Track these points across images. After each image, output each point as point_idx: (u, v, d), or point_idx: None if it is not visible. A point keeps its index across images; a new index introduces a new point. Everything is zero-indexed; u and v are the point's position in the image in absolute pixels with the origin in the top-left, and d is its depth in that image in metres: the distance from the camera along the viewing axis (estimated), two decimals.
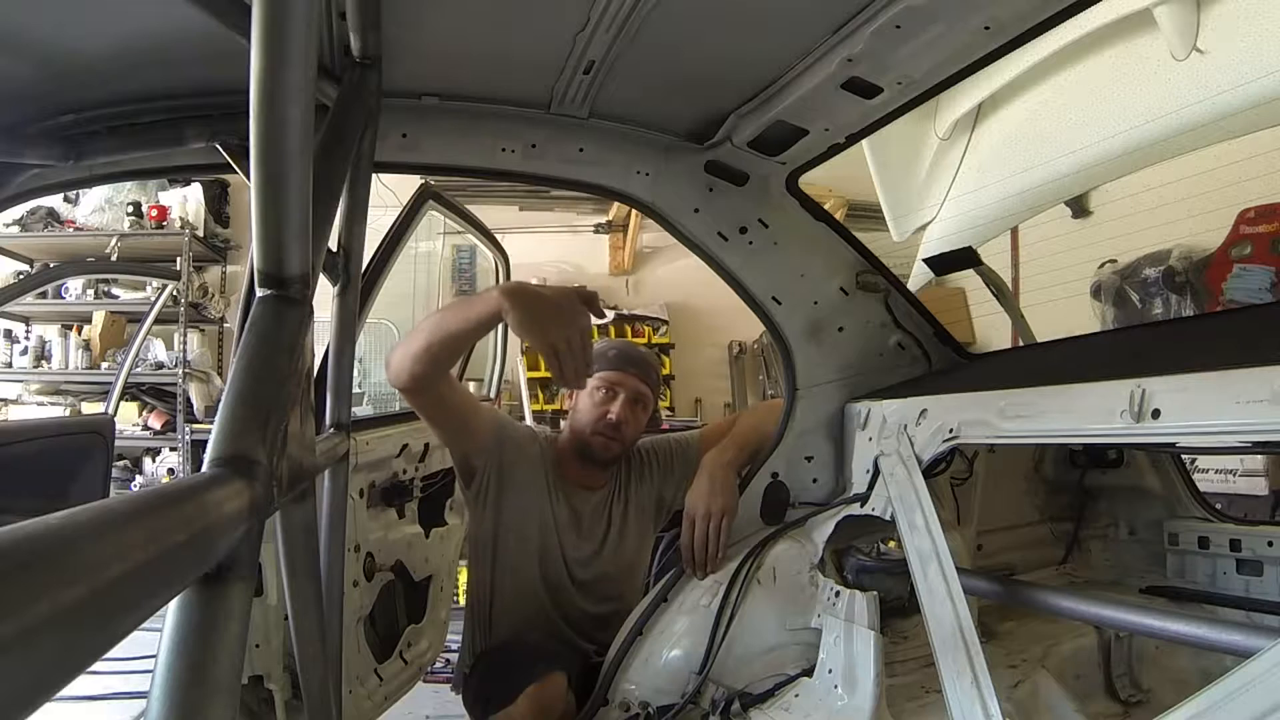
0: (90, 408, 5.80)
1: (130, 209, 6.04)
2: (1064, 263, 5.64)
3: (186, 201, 6.17)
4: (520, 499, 2.14)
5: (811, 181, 2.06)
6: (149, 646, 0.53)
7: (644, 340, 7.06)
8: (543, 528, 2.16)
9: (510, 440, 2.16)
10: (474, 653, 2.21)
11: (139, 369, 5.56)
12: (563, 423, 2.39)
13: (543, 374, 6.62)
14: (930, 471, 1.62)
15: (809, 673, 1.73)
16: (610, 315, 7.06)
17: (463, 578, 3.44)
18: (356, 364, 2.44)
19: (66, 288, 6.07)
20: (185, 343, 5.83)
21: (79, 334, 6.08)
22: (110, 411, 4.05)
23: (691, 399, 7.27)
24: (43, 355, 6.07)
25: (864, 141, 1.99)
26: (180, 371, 5.82)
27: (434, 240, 6.86)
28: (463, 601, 2.59)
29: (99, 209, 6.14)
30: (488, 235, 3.17)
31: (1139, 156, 3.27)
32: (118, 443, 3.82)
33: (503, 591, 2.16)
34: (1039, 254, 5.99)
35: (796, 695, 1.71)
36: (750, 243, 2.00)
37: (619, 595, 2.23)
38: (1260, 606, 1.79)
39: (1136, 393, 1.15)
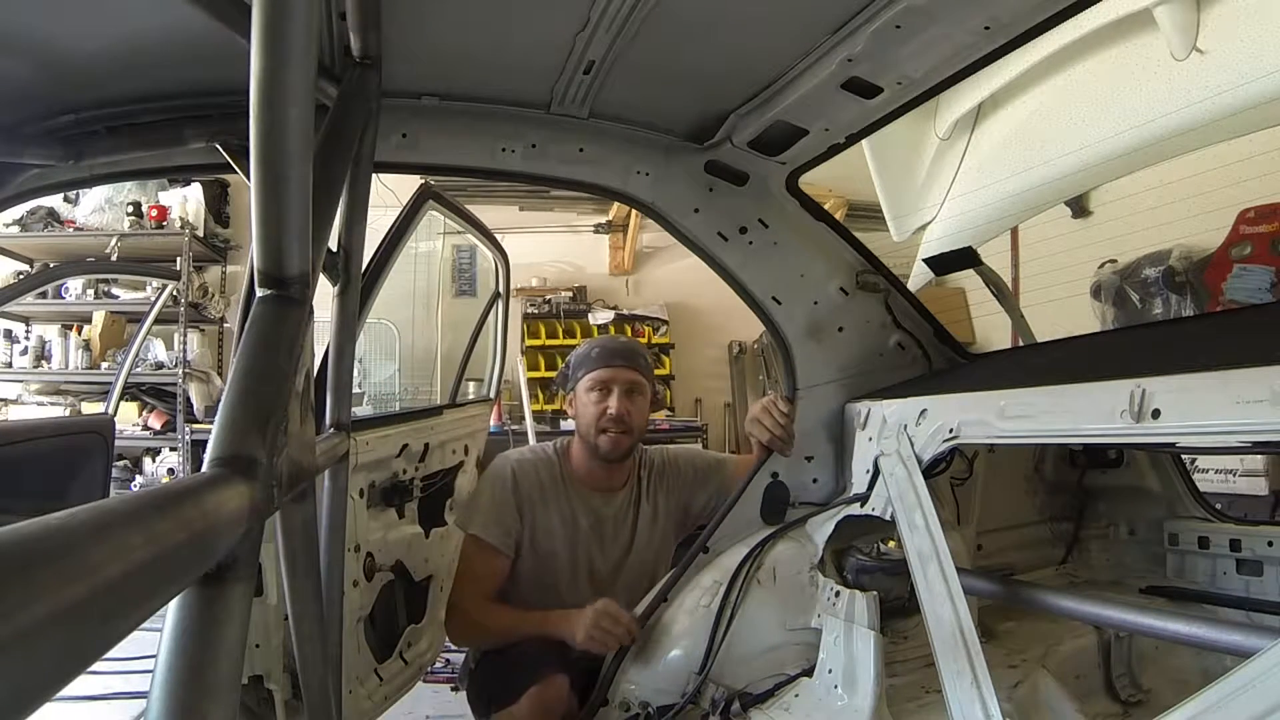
0: (90, 408, 5.80)
1: (130, 209, 6.04)
2: (1064, 263, 5.64)
3: (186, 201, 6.17)
4: (546, 524, 2.16)
5: (811, 181, 2.07)
6: (149, 646, 0.54)
7: (644, 340, 7.05)
8: (569, 544, 2.16)
9: (528, 498, 2.16)
10: (479, 651, 2.21)
11: (139, 369, 5.55)
12: (563, 423, 2.38)
13: (543, 374, 6.62)
14: (930, 471, 1.62)
15: (809, 673, 1.73)
16: (610, 315, 7.07)
17: None
18: (356, 364, 2.43)
19: (66, 288, 6.07)
20: (185, 343, 5.83)
21: (79, 334, 6.08)
22: (110, 411, 4.05)
23: (691, 399, 7.26)
24: (43, 355, 6.07)
25: (864, 141, 2.00)
26: (180, 371, 5.82)
27: (434, 240, 6.86)
28: None
29: (99, 209, 6.14)
30: (488, 235, 3.16)
31: (1139, 156, 3.27)
32: (118, 443, 3.81)
33: (524, 604, 2.14)
34: (1039, 254, 5.99)
35: (796, 695, 1.70)
36: (750, 243, 2.00)
37: (639, 600, 2.22)
38: (1260, 606, 1.79)
39: (1136, 393, 1.15)
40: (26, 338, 6.15)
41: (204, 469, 0.63)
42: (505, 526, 2.13)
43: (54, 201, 6.01)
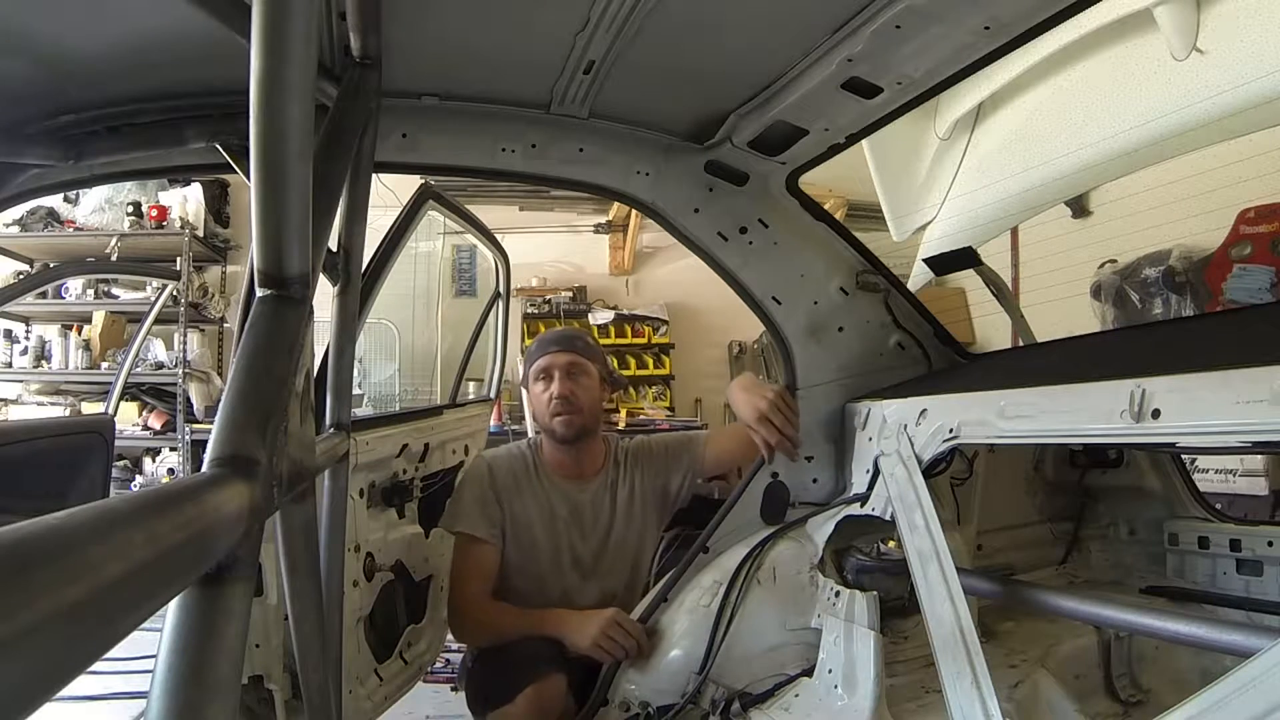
0: (90, 408, 5.80)
1: (130, 209, 6.03)
2: (1064, 263, 5.63)
3: (186, 201, 6.17)
4: (525, 515, 2.20)
5: (811, 181, 2.06)
6: (149, 646, 0.54)
7: (644, 340, 7.05)
8: (549, 532, 2.20)
9: (505, 488, 2.21)
10: (475, 649, 2.22)
11: (139, 369, 5.55)
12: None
13: None
14: (930, 471, 1.62)
15: (809, 673, 1.73)
16: (610, 315, 7.07)
17: None
18: (356, 364, 2.44)
19: (66, 288, 6.06)
20: (185, 343, 5.83)
21: (79, 334, 6.07)
22: (110, 411, 4.04)
23: (691, 399, 7.26)
24: (43, 355, 6.06)
25: (864, 141, 1.99)
26: (180, 371, 5.81)
27: (434, 240, 6.85)
28: None
29: (99, 209, 6.14)
30: (488, 235, 3.17)
31: (1139, 156, 3.27)
32: (118, 443, 3.81)
33: (511, 596, 2.18)
34: (1039, 254, 5.98)
35: (796, 695, 1.70)
36: (750, 243, 2.00)
37: (626, 586, 2.25)
38: (1260, 606, 1.79)
39: (1136, 393, 1.15)
40: (26, 338, 6.15)
41: (204, 469, 0.63)
42: (489, 517, 2.17)
43: (54, 201, 6.01)
